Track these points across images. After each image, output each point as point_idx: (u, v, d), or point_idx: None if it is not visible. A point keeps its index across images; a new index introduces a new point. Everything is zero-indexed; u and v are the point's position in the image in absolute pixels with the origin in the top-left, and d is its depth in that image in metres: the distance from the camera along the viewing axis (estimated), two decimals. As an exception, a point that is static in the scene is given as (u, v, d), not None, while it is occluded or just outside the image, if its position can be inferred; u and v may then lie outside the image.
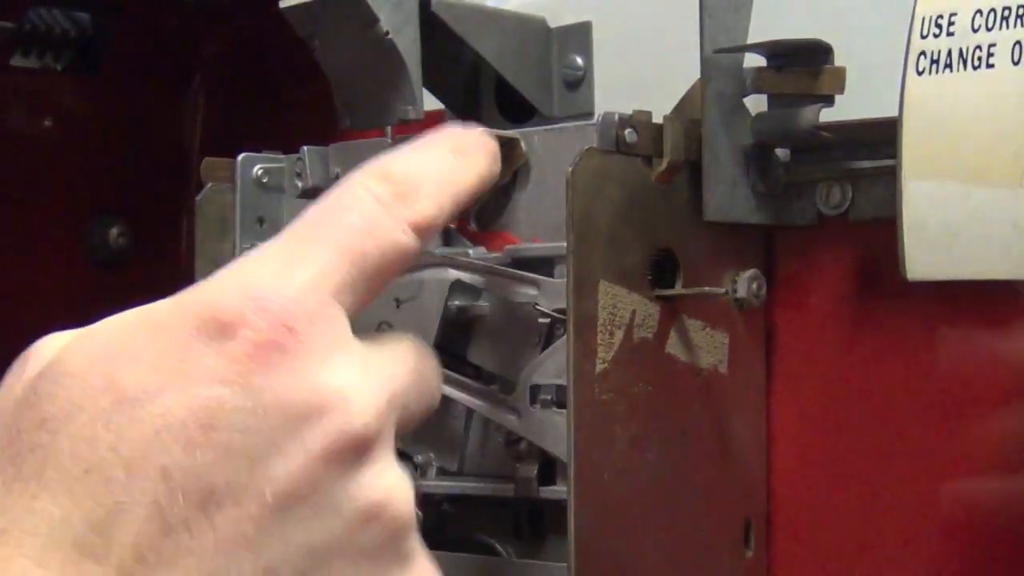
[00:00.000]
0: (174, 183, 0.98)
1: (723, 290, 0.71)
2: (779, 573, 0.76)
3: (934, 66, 0.57)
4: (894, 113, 0.64)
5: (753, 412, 0.75)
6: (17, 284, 0.96)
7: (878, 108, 0.69)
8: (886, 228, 0.70)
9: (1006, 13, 0.55)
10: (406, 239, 0.56)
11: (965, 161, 0.56)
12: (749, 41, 0.73)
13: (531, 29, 0.83)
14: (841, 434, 0.75)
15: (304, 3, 0.77)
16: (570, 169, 0.67)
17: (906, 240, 0.58)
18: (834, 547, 0.75)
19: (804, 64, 0.72)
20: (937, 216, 0.56)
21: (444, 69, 0.85)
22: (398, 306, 0.76)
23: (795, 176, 0.74)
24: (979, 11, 0.56)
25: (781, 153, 0.74)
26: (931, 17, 0.57)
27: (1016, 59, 0.55)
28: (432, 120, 0.85)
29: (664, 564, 0.71)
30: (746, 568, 0.75)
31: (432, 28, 0.80)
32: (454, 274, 0.74)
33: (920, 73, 0.57)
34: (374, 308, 0.76)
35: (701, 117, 0.71)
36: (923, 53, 0.57)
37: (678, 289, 0.71)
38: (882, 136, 0.68)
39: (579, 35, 0.83)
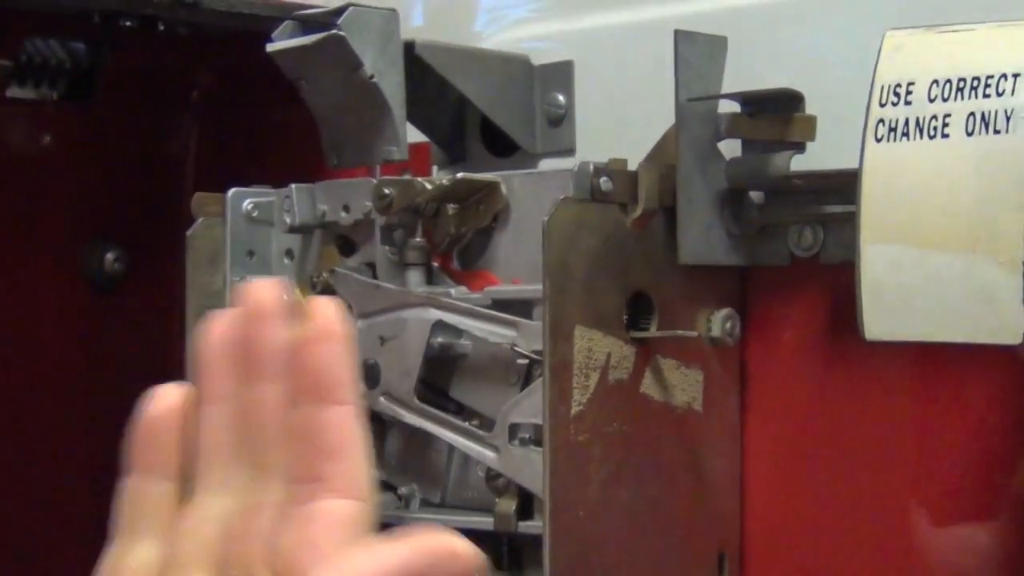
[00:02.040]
0: (168, 209, 1.00)
1: (695, 333, 0.74)
2: (752, 603, 0.78)
3: (892, 134, 0.59)
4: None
5: (727, 447, 0.78)
6: (14, 306, 0.98)
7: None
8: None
9: (961, 85, 0.57)
10: None
11: (921, 227, 0.58)
12: (724, 89, 0.75)
13: (514, 68, 0.85)
14: (814, 467, 0.77)
15: (291, 48, 0.79)
16: (546, 219, 0.69)
17: (864, 302, 0.60)
18: (806, 577, 0.77)
19: (776, 112, 0.74)
20: (893, 280, 0.59)
21: (430, 106, 0.87)
22: (382, 344, 0.78)
23: (768, 219, 0.76)
24: (935, 81, 0.58)
25: (755, 196, 0.76)
26: (890, 86, 0.59)
27: (970, 130, 0.57)
28: (418, 153, 0.88)
29: (639, 596, 0.73)
30: (720, 599, 0.77)
31: (418, 67, 0.82)
32: (436, 314, 0.77)
33: (879, 140, 0.59)
34: (360, 346, 0.79)
35: (676, 163, 0.73)
36: (882, 120, 0.59)
37: (653, 332, 0.73)
38: (851, 184, 0.70)
39: (561, 73, 0.85)
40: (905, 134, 0.59)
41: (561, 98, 0.85)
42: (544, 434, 0.70)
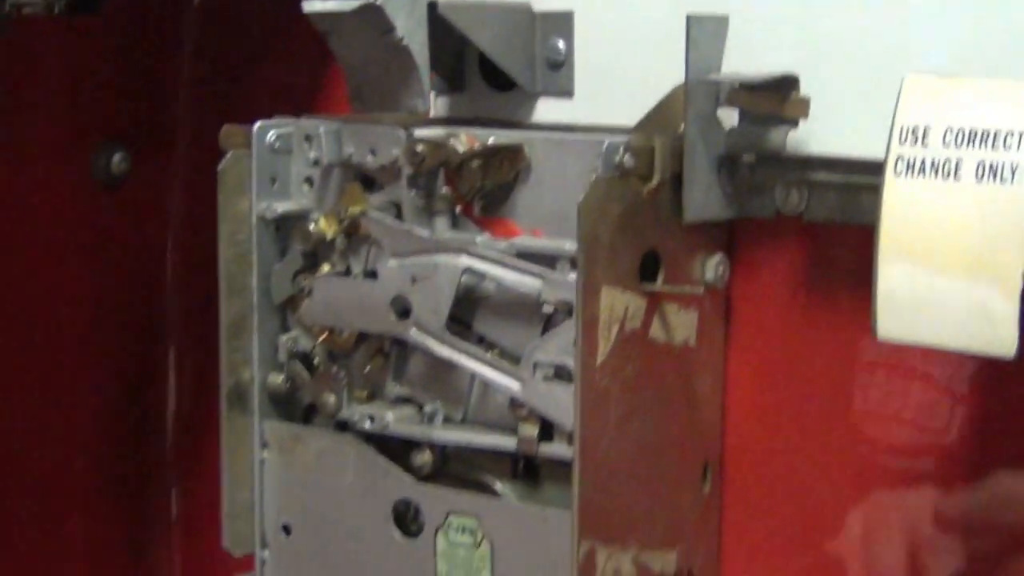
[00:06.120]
0: (168, 114, 1.07)
1: (701, 289, 0.84)
2: (730, 505, 0.91)
3: (909, 171, 0.69)
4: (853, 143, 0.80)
5: (713, 375, 0.89)
6: (29, 204, 1.05)
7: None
8: (835, 230, 0.84)
9: (972, 135, 0.68)
10: None
11: (931, 253, 0.69)
12: (724, 62, 0.84)
13: (518, 16, 0.93)
14: (785, 391, 0.89)
15: (327, 12, 0.86)
16: (580, 199, 0.79)
17: (878, 308, 0.71)
18: (775, 484, 0.90)
19: (773, 90, 0.83)
20: (905, 293, 0.70)
21: (435, 45, 0.94)
22: (413, 283, 0.87)
23: (759, 179, 0.86)
24: (949, 128, 0.68)
25: (746, 156, 0.86)
26: (908, 128, 0.69)
27: (979, 176, 0.67)
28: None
29: (641, 505, 0.85)
30: (704, 501, 0.90)
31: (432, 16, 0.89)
32: (466, 261, 0.86)
33: (897, 174, 0.69)
34: (392, 282, 0.88)
35: (683, 134, 0.83)
36: (900, 157, 0.69)
37: (663, 286, 0.84)
38: (837, 163, 0.82)
39: (561, 21, 0.93)
40: (921, 172, 0.69)
41: (561, 45, 0.93)
42: (575, 382, 0.80)
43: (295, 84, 1.05)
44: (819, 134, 0.84)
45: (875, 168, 0.73)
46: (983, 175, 0.67)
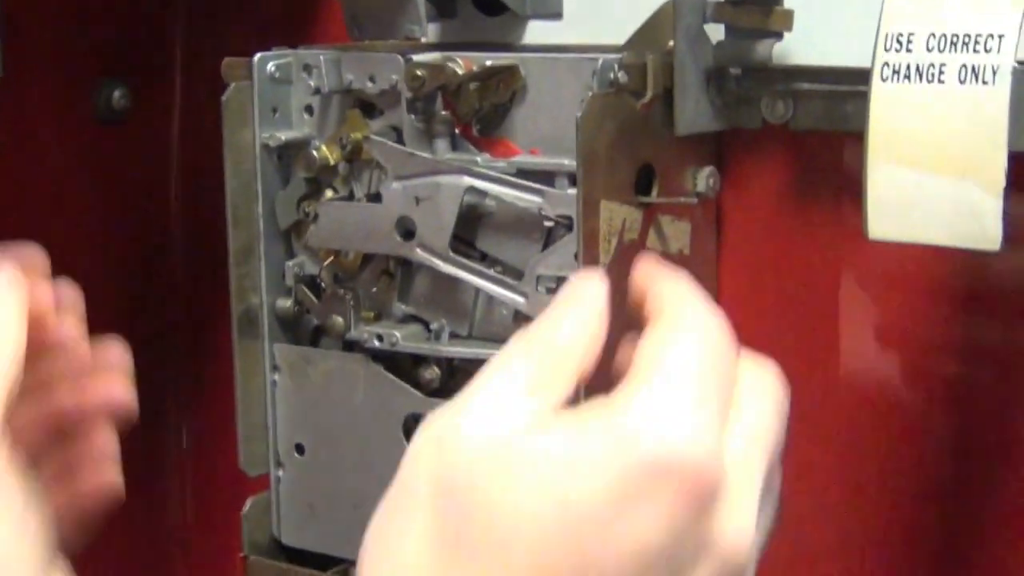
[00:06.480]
0: (166, 50, 1.10)
1: (695, 200, 0.88)
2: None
3: (895, 76, 0.72)
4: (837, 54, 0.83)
5: (707, 283, 0.92)
6: (35, 143, 1.07)
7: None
8: (821, 138, 0.88)
9: (954, 40, 0.71)
10: None
11: (919, 155, 0.72)
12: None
13: (506, -64, 0.95)
14: (773, 296, 0.93)
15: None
16: (579, 114, 0.82)
17: (869, 209, 0.74)
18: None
19: (758, 4, 0.87)
20: (895, 194, 0.73)
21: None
22: (417, 203, 0.90)
23: (745, 91, 0.89)
24: (932, 34, 0.72)
25: (733, 69, 0.89)
26: (893, 34, 0.73)
27: (962, 79, 0.71)
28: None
29: (642, 410, 0.89)
30: (701, 404, 0.93)
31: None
32: (468, 180, 0.89)
33: (884, 80, 0.73)
34: (395, 204, 0.91)
35: (673, 49, 0.86)
36: (887, 63, 0.73)
37: (657, 198, 0.87)
38: (822, 73, 0.85)
39: (550, -59, 0.96)
40: (907, 77, 0.72)
41: (549, -34, 0.96)
42: (578, 293, 0.83)
43: (291, 15, 1.08)
44: (803, 45, 0.87)
45: (858, 76, 0.77)
46: (966, 78, 0.71)
